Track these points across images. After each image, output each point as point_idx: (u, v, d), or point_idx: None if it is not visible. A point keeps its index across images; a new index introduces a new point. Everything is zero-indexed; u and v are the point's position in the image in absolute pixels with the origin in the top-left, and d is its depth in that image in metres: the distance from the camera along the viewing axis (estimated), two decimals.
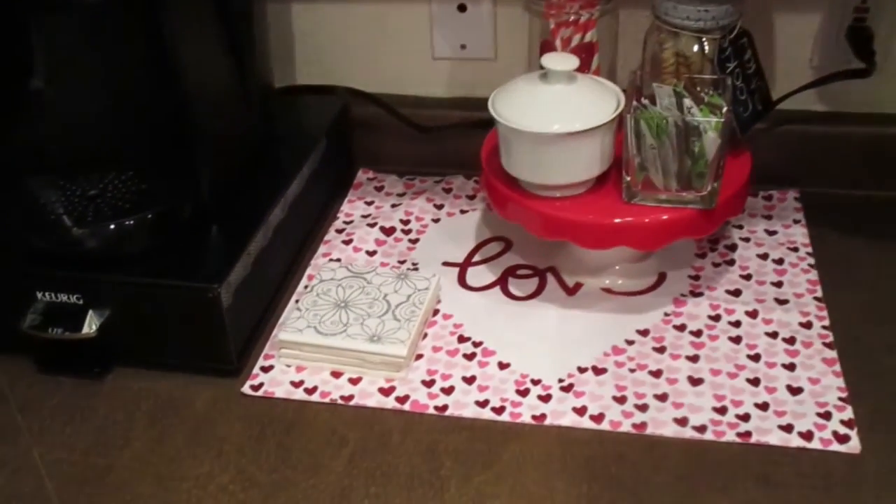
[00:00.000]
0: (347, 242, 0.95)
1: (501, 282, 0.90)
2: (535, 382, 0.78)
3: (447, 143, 1.04)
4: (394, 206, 1.01)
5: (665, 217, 0.79)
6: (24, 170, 0.83)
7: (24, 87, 0.80)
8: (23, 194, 0.81)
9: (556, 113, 0.78)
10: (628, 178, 0.79)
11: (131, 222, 0.78)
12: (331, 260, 0.93)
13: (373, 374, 0.79)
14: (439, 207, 1.00)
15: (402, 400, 0.77)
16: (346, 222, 0.99)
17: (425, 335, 0.83)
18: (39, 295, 0.78)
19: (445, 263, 0.92)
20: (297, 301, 0.87)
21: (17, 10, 0.73)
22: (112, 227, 0.78)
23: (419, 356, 0.81)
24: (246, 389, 0.79)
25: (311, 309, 0.82)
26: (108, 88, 0.79)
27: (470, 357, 0.81)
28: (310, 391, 0.78)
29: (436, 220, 0.98)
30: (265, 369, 0.81)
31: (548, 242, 0.86)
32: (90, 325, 0.78)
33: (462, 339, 0.83)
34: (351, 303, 0.83)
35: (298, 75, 1.07)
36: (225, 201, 0.85)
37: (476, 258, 0.93)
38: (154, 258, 0.79)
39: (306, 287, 0.89)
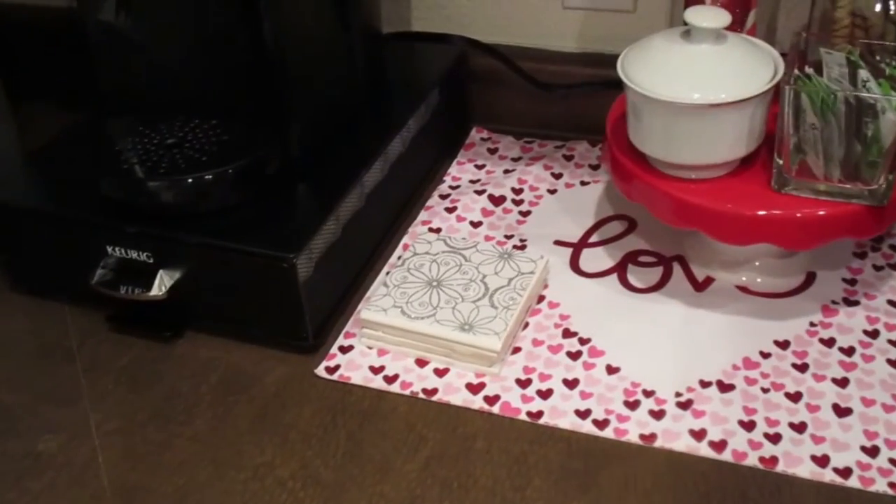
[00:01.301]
0: (451, 210, 0.86)
1: (620, 269, 0.78)
2: (648, 394, 0.67)
3: (573, 103, 0.93)
4: (507, 171, 0.90)
5: (822, 212, 0.66)
6: (106, 111, 0.77)
7: (110, 26, 0.74)
8: (100, 138, 0.75)
9: (699, 79, 0.66)
10: (781, 162, 0.66)
11: (210, 177, 0.71)
12: (430, 229, 0.83)
13: (461, 366, 0.70)
14: (557, 177, 0.89)
15: (492, 400, 0.68)
16: (452, 187, 0.89)
17: (526, 324, 0.73)
18: (110, 249, 0.72)
19: (558, 242, 0.82)
20: (387, 274, 0.79)
21: None
22: (189, 180, 0.71)
23: (516, 349, 0.71)
24: (320, 371, 0.71)
25: (400, 286, 0.73)
26: (194, 27, 0.72)
27: (574, 356, 0.71)
28: (390, 379, 0.70)
29: (552, 191, 0.88)
30: (344, 349, 0.73)
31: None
32: (160, 286, 0.71)
33: (567, 334, 0.72)
34: (444, 282, 0.74)
35: (413, 20, 0.97)
36: (316, 158, 0.77)
37: (593, 238, 0.82)
38: (232, 218, 0.71)
39: (399, 258, 0.80)
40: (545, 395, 0.68)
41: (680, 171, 0.69)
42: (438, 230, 0.83)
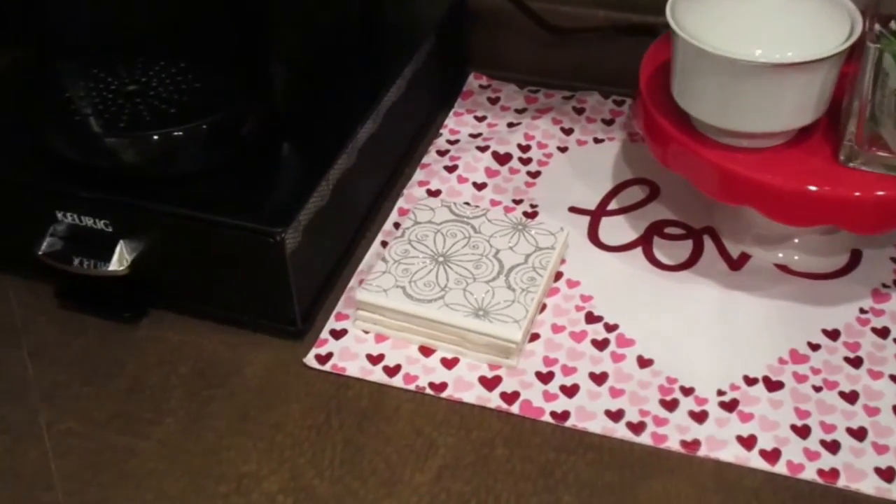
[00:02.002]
0: (451, 169, 0.76)
1: (644, 242, 0.70)
2: (687, 392, 0.59)
3: (583, 49, 0.83)
4: (511, 125, 0.80)
5: (883, 193, 0.57)
6: (53, 50, 0.65)
7: None
8: (47, 83, 0.63)
9: (763, 33, 0.56)
10: (854, 132, 0.57)
11: (180, 133, 0.60)
12: (428, 191, 0.74)
13: (473, 356, 0.61)
14: (568, 132, 0.80)
15: (510, 398, 0.59)
16: (450, 141, 0.79)
17: (544, 306, 0.64)
18: (60, 215, 0.61)
19: (573, 209, 0.72)
20: (383, 244, 0.69)
21: None
22: (155, 137, 0.60)
23: (534, 336, 0.63)
24: (310, 360, 0.61)
25: (401, 261, 0.64)
26: None
27: (601, 345, 0.62)
28: (391, 371, 0.61)
29: (562, 149, 0.78)
30: (336, 334, 0.63)
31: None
32: (121, 260, 0.61)
33: (591, 319, 0.64)
34: (452, 258, 0.64)
35: None
36: (302, 110, 0.66)
37: (612, 205, 0.73)
38: (206, 182, 0.61)
39: (396, 226, 0.70)
40: (570, 391, 0.59)
41: (731, 139, 0.60)
42: (438, 193, 0.74)
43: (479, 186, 0.74)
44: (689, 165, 0.62)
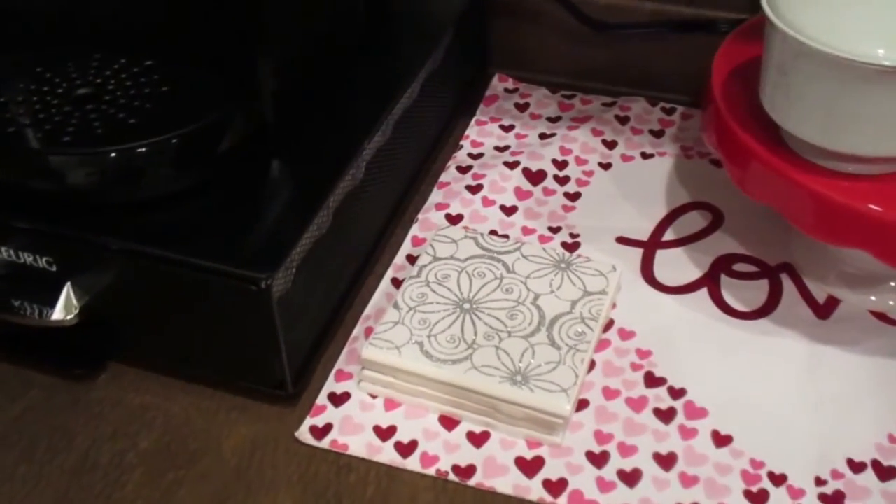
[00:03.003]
0: (474, 189, 0.64)
1: (710, 281, 0.58)
2: (778, 480, 0.47)
3: (626, 48, 0.72)
4: (543, 136, 0.68)
5: None
6: None
7: None
8: None
9: (887, 27, 0.44)
10: None
11: (143, 149, 0.48)
12: (448, 217, 0.61)
13: (508, 430, 0.49)
14: (610, 146, 0.68)
15: (556, 488, 0.47)
16: (472, 155, 0.67)
17: (592, 364, 0.52)
18: None
19: (621, 240, 0.61)
20: (394, 282, 0.57)
21: None
22: (112, 154, 0.48)
23: (582, 403, 0.51)
24: (303, 433, 0.49)
25: (417, 308, 0.52)
26: None
27: (666, 416, 0.50)
28: (405, 449, 0.49)
29: (605, 166, 0.66)
30: (336, 399, 0.51)
31: (780, 223, 0.53)
32: (67, 307, 0.49)
33: (652, 381, 0.52)
34: (481, 305, 0.52)
35: None
36: (297, 122, 0.55)
37: (668, 236, 0.61)
38: (173, 210, 0.49)
39: (410, 260, 0.58)
40: (631, 479, 0.47)
41: (834, 162, 0.48)
42: (459, 217, 0.62)
43: (509, 210, 0.62)
44: (778, 193, 0.50)
